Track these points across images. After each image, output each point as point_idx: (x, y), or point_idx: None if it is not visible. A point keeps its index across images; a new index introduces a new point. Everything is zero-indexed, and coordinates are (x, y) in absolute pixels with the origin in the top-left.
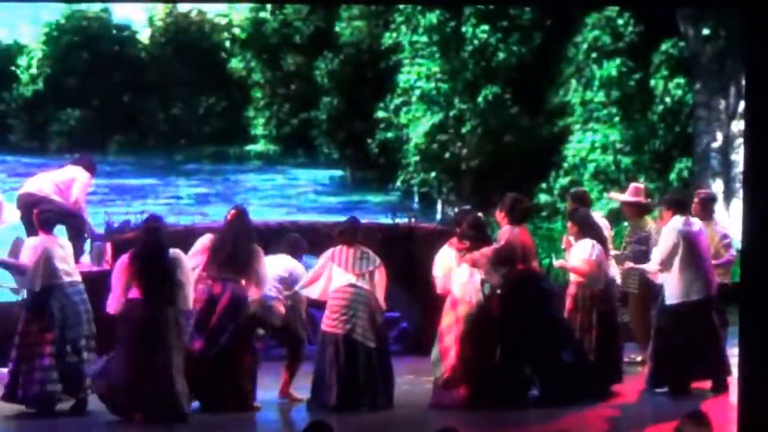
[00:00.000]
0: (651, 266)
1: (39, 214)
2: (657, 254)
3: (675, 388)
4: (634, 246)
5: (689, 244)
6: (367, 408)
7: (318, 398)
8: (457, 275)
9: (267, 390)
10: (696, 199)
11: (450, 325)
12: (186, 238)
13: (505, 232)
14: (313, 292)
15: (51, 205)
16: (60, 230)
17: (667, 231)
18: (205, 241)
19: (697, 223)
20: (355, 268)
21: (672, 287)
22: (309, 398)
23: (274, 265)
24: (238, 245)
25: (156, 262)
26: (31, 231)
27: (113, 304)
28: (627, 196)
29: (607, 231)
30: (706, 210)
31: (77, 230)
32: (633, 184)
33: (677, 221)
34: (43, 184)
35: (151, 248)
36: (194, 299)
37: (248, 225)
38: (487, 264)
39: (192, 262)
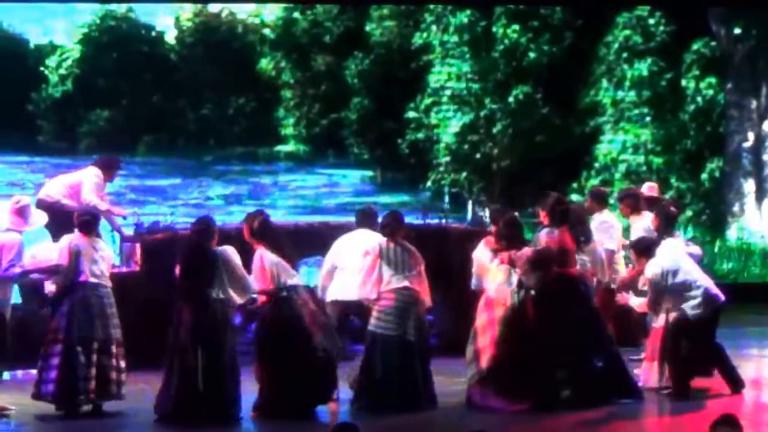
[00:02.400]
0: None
1: (78, 217)
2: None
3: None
4: None
5: (678, 270)
6: (417, 409)
7: (372, 401)
8: (493, 276)
9: None
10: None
11: (484, 326)
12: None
13: (544, 234)
14: (367, 294)
15: (88, 209)
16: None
17: (651, 271)
18: (257, 260)
19: (679, 243)
20: (406, 268)
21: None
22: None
23: (364, 243)
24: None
25: (202, 264)
26: (53, 234)
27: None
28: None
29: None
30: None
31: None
32: (647, 183)
33: (660, 259)
34: (53, 188)
35: (200, 249)
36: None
37: (272, 227)
38: (525, 265)
39: None
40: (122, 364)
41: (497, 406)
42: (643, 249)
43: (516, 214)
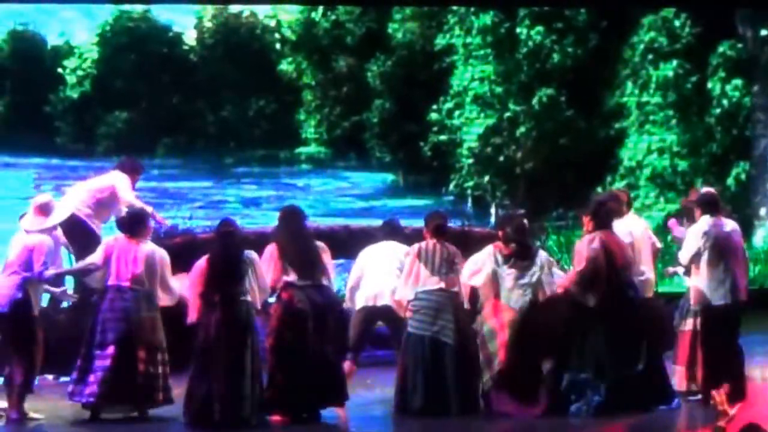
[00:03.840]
0: (679, 268)
1: (125, 219)
2: (683, 255)
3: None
4: None
5: (717, 246)
6: (455, 412)
7: (401, 401)
8: (502, 281)
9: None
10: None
11: (494, 331)
12: None
13: (582, 246)
14: (406, 295)
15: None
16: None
17: (693, 231)
18: (272, 251)
19: (728, 224)
20: (442, 269)
21: (697, 291)
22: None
23: (391, 254)
24: (304, 244)
25: (231, 265)
26: (75, 249)
27: (192, 312)
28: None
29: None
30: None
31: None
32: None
33: (705, 221)
34: (78, 198)
35: (226, 252)
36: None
37: (302, 221)
38: (577, 289)
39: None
40: (157, 370)
41: (512, 411)
42: (707, 202)
43: (525, 220)
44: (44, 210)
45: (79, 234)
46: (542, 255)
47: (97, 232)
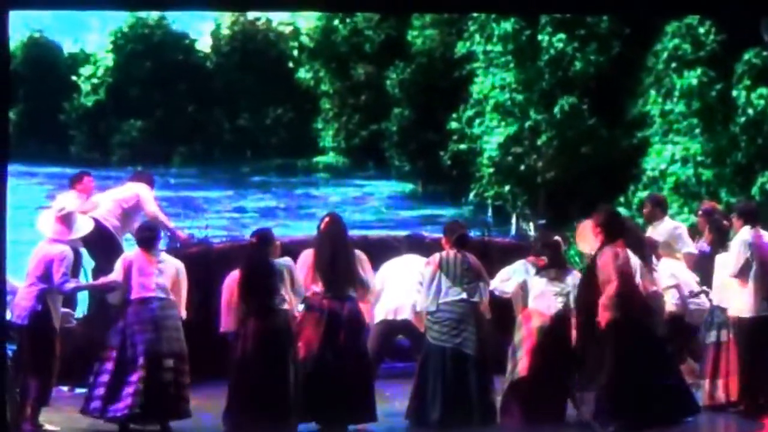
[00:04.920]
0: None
1: (139, 232)
2: (730, 268)
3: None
4: None
5: (761, 257)
6: (476, 424)
7: (418, 413)
8: (532, 288)
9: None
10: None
11: (522, 339)
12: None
13: (608, 261)
14: (427, 306)
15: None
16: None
17: (737, 243)
18: (303, 258)
19: (766, 235)
20: (464, 280)
21: (742, 302)
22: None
23: (412, 268)
24: (341, 255)
25: (264, 275)
26: (93, 254)
27: (227, 322)
28: None
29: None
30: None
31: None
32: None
33: (747, 232)
34: (105, 207)
35: (260, 261)
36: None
37: (344, 231)
38: (617, 307)
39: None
40: (183, 380)
41: (520, 418)
42: (748, 212)
43: (558, 238)
44: (66, 221)
45: (105, 246)
46: (575, 275)
47: (122, 245)
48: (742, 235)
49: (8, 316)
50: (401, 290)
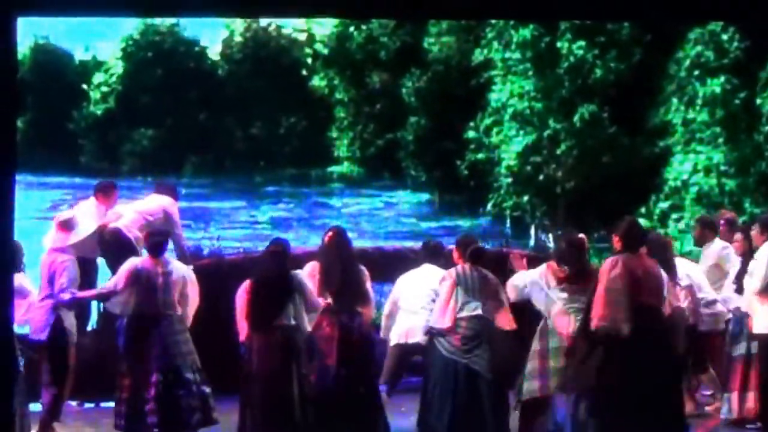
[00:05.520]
0: (748, 293)
1: (148, 237)
2: (756, 280)
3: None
4: None
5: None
6: None
7: (425, 426)
8: (553, 304)
9: None
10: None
11: (537, 352)
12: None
13: (604, 271)
14: (444, 322)
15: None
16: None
17: (763, 256)
18: (308, 270)
19: None
20: (481, 295)
21: (765, 317)
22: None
23: (427, 282)
24: (349, 270)
25: (279, 286)
26: (112, 265)
27: (242, 333)
28: None
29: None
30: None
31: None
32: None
33: None
34: (129, 218)
35: (274, 273)
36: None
37: (349, 245)
38: (607, 322)
39: None
40: (204, 389)
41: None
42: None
43: (585, 239)
44: (67, 226)
45: (125, 257)
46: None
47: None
48: (767, 248)
49: (26, 329)
50: (413, 311)
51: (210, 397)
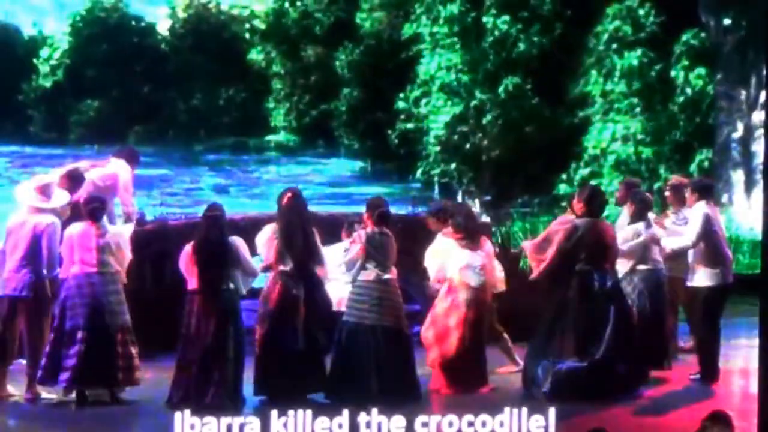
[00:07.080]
0: (683, 243)
1: (86, 204)
2: (691, 234)
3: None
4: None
5: (716, 230)
6: (404, 398)
7: (338, 389)
8: (455, 260)
9: None
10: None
11: (447, 309)
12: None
13: (555, 230)
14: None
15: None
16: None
17: (698, 214)
18: (268, 233)
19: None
20: (386, 258)
21: (699, 272)
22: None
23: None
24: (309, 231)
25: (218, 250)
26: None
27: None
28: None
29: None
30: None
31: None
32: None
33: (704, 206)
34: (85, 191)
35: (212, 237)
36: (271, 296)
37: (307, 206)
38: (546, 280)
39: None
40: (130, 350)
41: (452, 392)
42: (704, 187)
43: (471, 208)
44: (46, 191)
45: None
46: (488, 244)
47: None
48: (701, 208)
49: None
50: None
51: (135, 357)
